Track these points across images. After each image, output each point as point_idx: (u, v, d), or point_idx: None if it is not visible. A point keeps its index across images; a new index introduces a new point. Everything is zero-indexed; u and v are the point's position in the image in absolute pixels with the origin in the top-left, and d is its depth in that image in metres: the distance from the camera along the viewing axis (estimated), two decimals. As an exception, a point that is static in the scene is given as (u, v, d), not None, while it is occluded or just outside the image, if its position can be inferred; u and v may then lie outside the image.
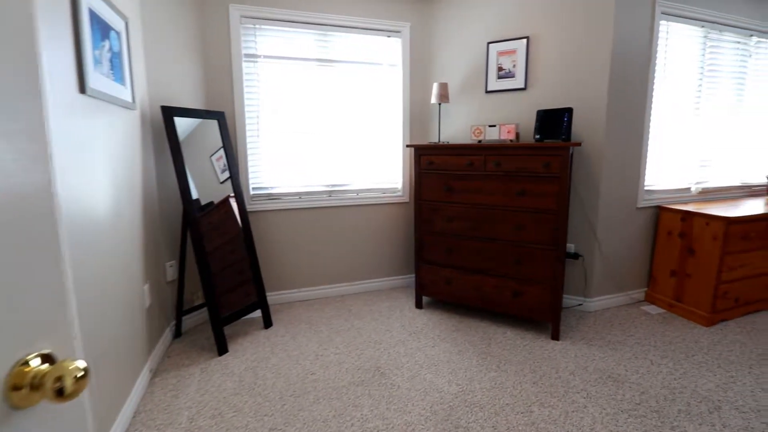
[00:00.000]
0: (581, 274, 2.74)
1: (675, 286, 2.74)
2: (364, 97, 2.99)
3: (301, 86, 2.80)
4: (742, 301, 2.66)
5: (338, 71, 2.89)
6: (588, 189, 2.66)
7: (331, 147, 2.93)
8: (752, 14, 3.01)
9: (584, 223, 2.69)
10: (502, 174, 2.36)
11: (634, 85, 2.60)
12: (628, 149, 2.68)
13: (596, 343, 2.31)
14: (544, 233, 2.28)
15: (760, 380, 1.95)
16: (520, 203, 2.33)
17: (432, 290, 2.70)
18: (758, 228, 2.57)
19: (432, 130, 3.16)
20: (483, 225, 2.46)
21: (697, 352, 2.22)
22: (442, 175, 2.55)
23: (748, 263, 2.60)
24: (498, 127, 2.67)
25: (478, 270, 2.51)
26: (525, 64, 2.74)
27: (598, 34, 2.50)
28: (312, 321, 2.60)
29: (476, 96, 2.93)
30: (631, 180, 2.73)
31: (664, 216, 2.80)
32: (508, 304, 2.44)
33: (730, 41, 3.01)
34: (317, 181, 2.93)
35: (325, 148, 2.92)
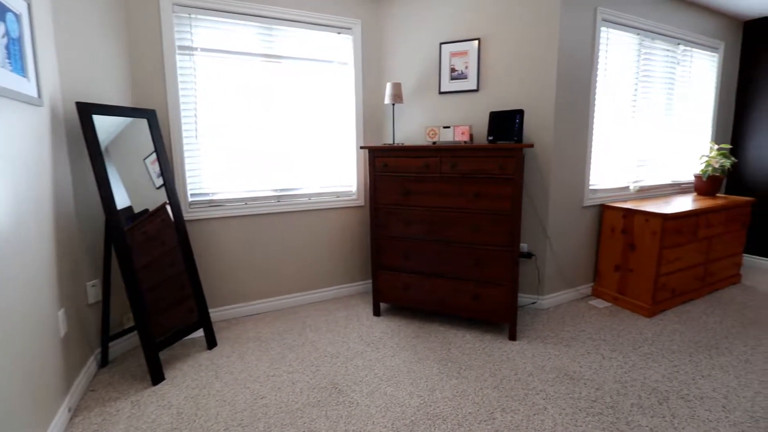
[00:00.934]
0: (534, 272, 2.79)
1: (619, 280, 2.88)
2: (315, 96, 2.84)
3: (244, 83, 2.59)
4: (678, 292, 2.84)
5: (286, 68, 2.71)
6: (538, 189, 2.71)
7: (279, 149, 2.75)
8: (680, 24, 3.25)
9: (536, 223, 2.74)
10: (458, 176, 2.33)
11: (578, 88, 2.69)
12: (574, 150, 2.76)
13: (551, 341, 2.35)
14: (501, 235, 2.28)
15: (699, 367, 2.07)
16: (476, 205, 2.31)
17: (390, 296, 2.62)
18: (689, 223, 2.76)
19: (386, 131, 3.08)
20: (440, 228, 2.41)
21: (643, 344, 2.32)
22: (397, 178, 2.47)
23: (682, 256, 2.79)
24: (452, 128, 2.64)
25: (437, 274, 2.46)
26: (477, 65, 2.74)
27: (545, 38, 2.55)
28: (262, 337, 2.41)
29: (430, 97, 2.89)
30: (578, 180, 2.83)
31: (608, 214, 2.94)
32: (467, 307, 2.42)
33: (661, 49, 3.22)
34: (265, 185, 2.73)
35: (273, 150, 2.73)
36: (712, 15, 3.47)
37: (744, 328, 2.51)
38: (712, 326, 2.54)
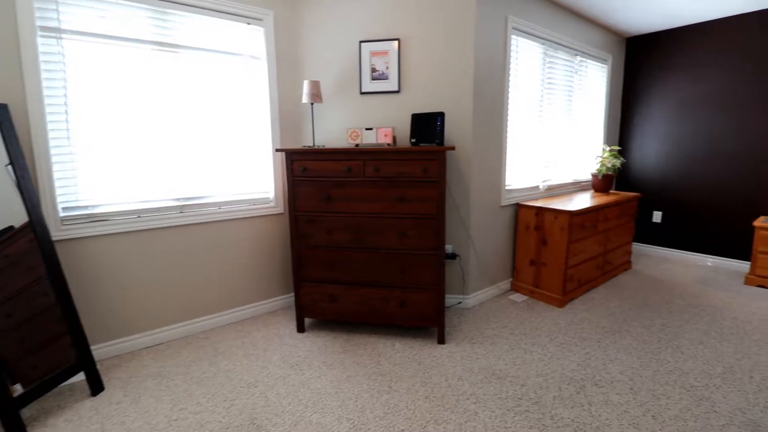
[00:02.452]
0: (459, 272, 2.82)
1: (534, 274, 3.05)
2: (223, 93, 2.54)
3: (134, 75, 2.21)
4: (583, 281, 3.10)
5: (186, 60, 2.38)
6: (461, 191, 2.74)
7: (181, 152, 2.40)
8: (577, 37, 3.55)
9: (459, 224, 2.78)
10: (382, 180, 2.24)
11: (493, 93, 2.78)
12: (491, 152, 2.85)
13: (477, 340, 2.38)
14: (426, 239, 2.24)
15: (608, 352, 2.25)
16: (401, 209, 2.24)
17: (315, 310, 2.44)
18: (590, 218, 3.02)
19: (306, 132, 2.88)
20: (366, 235, 2.30)
21: (558, 334, 2.46)
22: (318, 183, 2.30)
23: (585, 249, 3.04)
24: (375, 130, 2.55)
25: (364, 283, 2.35)
26: (398, 66, 2.68)
27: (462, 42, 2.58)
28: (164, 372, 2.07)
29: (351, 97, 2.76)
30: (495, 181, 2.93)
31: (522, 212, 3.09)
32: (396, 315, 2.35)
33: (562, 59, 3.49)
34: (164, 194, 2.37)
35: (173, 153, 2.38)
36: (602, 30, 3.86)
37: (639, 311, 2.80)
38: (613, 311, 2.80)
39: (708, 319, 2.66)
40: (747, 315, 2.71)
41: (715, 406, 1.78)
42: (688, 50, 3.83)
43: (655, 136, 4.14)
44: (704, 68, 3.74)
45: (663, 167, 4.11)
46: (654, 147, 4.16)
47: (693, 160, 3.89)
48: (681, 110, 3.93)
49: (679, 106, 3.94)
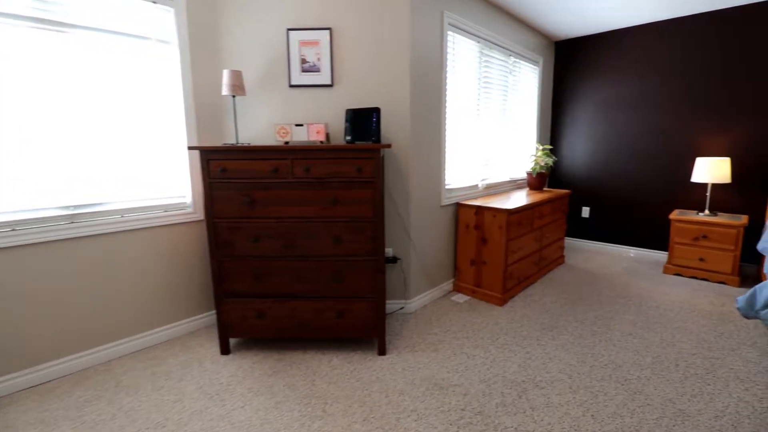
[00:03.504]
0: (400, 277, 2.70)
1: (475, 273, 3.02)
2: (125, 82, 2.18)
3: (8, 58, 1.80)
4: (522, 278, 3.13)
5: (77, 42, 2.00)
6: (400, 191, 2.62)
7: (72, 150, 2.02)
8: (511, 37, 3.60)
9: (399, 226, 2.65)
10: (313, 181, 2.03)
11: (431, 89, 2.69)
12: (430, 151, 2.77)
13: (420, 348, 2.27)
14: (363, 243, 2.08)
15: (547, 350, 2.24)
16: (335, 213, 2.06)
17: (241, 329, 2.18)
18: (527, 216, 3.06)
19: (229, 129, 2.59)
20: (297, 241, 2.09)
21: (500, 335, 2.43)
22: (240, 185, 2.04)
23: (523, 246, 3.07)
24: (306, 126, 2.34)
25: (296, 294, 2.14)
26: (330, 58, 2.49)
27: (398, 35, 2.46)
28: (48, 419, 1.70)
29: (279, 90, 2.52)
30: (435, 180, 2.85)
31: (462, 211, 3.05)
32: (332, 328, 2.16)
33: (498, 58, 3.51)
34: (48, 201, 1.97)
35: (61, 151, 1.98)
36: (534, 33, 3.97)
37: (573, 305, 2.88)
38: (550, 307, 2.84)
39: (635, 309, 2.79)
40: (668, 303, 2.89)
41: (648, 399, 1.81)
42: (608, 55, 4.06)
43: (582, 136, 4.35)
44: (621, 72, 3.99)
45: (589, 165, 4.33)
46: (581, 146, 4.37)
47: (615, 159, 4.14)
48: (603, 111, 4.16)
49: (601, 108, 4.17)
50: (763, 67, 3.26)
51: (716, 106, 3.51)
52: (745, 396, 1.82)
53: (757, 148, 3.36)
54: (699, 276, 3.38)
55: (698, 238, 3.35)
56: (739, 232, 3.15)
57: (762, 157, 3.35)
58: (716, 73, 3.48)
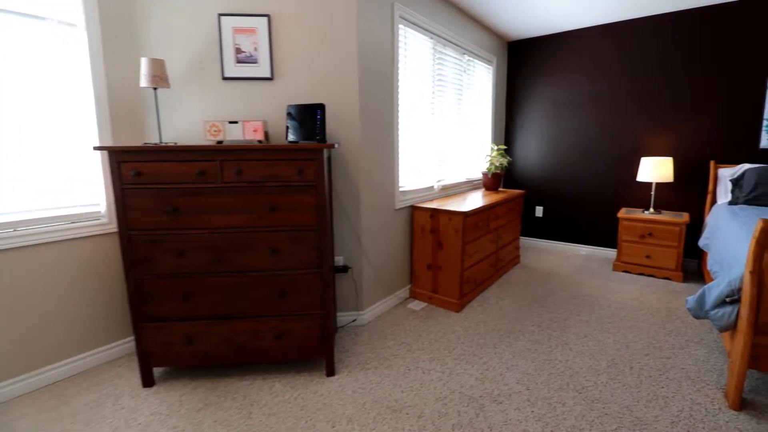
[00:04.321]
0: (352, 287, 2.52)
1: (431, 278, 2.90)
2: (20, 70, 1.82)
3: None
4: (478, 282, 3.05)
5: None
6: (349, 195, 2.43)
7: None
8: (465, 35, 3.51)
9: (349, 232, 2.47)
10: (246, 185, 1.80)
11: (382, 85, 2.52)
12: (382, 151, 2.60)
13: (372, 364, 2.10)
14: (306, 254, 1.87)
15: (504, 358, 2.15)
16: (273, 221, 1.83)
17: (166, 357, 1.89)
18: (483, 218, 2.98)
19: (151, 126, 2.27)
20: (230, 255, 1.84)
21: (456, 344, 2.31)
22: (160, 191, 1.76)
23: (480, 249, 2.99)
24: (241, 124, 2.09)
25: (231, 315, 1.89)
26: (269, 48, 2.26)
27: (344, 24, 2.26)
28: None
29: (211, 83, 2.25)
30: (388, 182, 2.69)
31: (417, 215, 2.92)
32: (274, 350, 1.93)
33: (452, 56, 3.41)
34: None
35: None
36: (487, 32, 3.92)
37: (529, 307, 2.83)
38: (506, 310, 2.78)
39: (588, 309, 2.78)
40: (619, 301, 2.92)
41: (606, 407, 1.75)
42: (559, 56, 4.10)
43: (535, 136, 4.38)
44: (572, 73, 4.04)
45: (542, 165, 4.37)
46: (534, 146, 4.40)
47: (567, 158, 4.20)
48: (555, 111, 4.20)
49: (553, 108, 4.21)
50: (701, 69, 3.40)
51: (660, 107, 3.62)
52: (697, 398, 1.81)
53: (696, 148, 3.50)
54: (646, 273, 3.47)
55: (644, 236, 3.43)
56: (682, 230, 3.26)
57: (701, 156, 3.49)
58: (660, 75, 3.59)
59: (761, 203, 2.85)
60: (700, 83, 3.40)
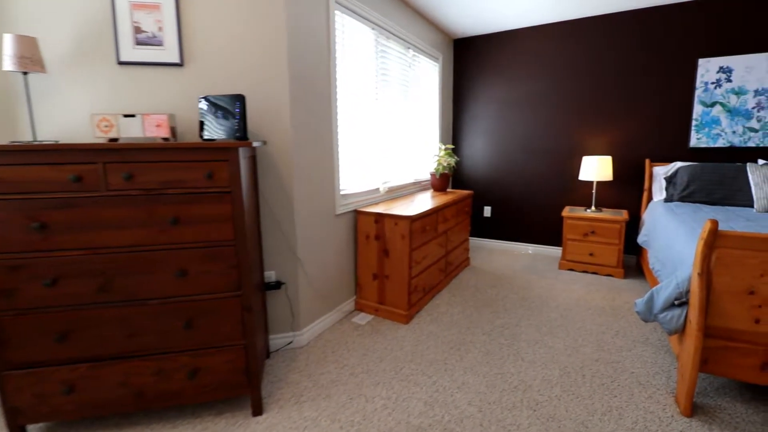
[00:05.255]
0: (286, 304, 2.22)
1: (378, 289, 2.68)
2: None
3: None
4: (428, 289, 2.88)
5: None
6: (280, 201, 2.14)
7: None
8: (409, 29, 3.32)
9: (282, 244, 2.17)
10: (139, 194, 1.45)
11: (317, 76, 2.25)
12: (318, 150, 2.33)
13: (309, 396, 1.83)
14: (223, 275, 1.56)
15: (455, 376, 1.97)
16: (178, 237, 1.50)
17: (41, 411, 1.50)
18: (431, 221, 2.81)
19: (26, 120, 1.83)
20: (122, 280, 1.48)
21: (404, 362, 2.11)
22: (23, 204, 1.37)
23: (428, 254, 2.82)
24: (140, 118, 1.73)
25: (127, 353, 1.53)
26: (177, 28, 1.90)
27: (269, 3, 1.96)
28: None
29: (104, 68, 1.85)
30: (326, 185, 2.42)
31: (361, 220, 2.68)
32: (185, 391, 1.60)
33: (396, 50, 3.21)
34: None
35: None
36: (433, 28, 3.77)
37: (480, 313, 2.70)
38: (457, 318, 2.63)
39: (537, 312, 2.71)
40: (567, 302, 2.88)
41: (561, 425, 1.62)
42: (503, 55, 4.06)
43: (481, 135, 4.32)
44: (516, 72, 4.02)
45: (490, 164, 4.32)
46: (481, 145, 4.34)
47: (513, 158, 4.18)
48: (500, 111, 4.16)
49: (498, 107, 4.17)
50: (636, 70, 3.48)
51: (599, 107, 3.68)
52: (650, 406, 1.75)
53: (632, 147, 3.59)
54: (589, 270, 3.51)
55: (587, 234, 3.46)
56: (622, 227, 3.31)
57: (637, 155, 3.59)
58: (599, 75, 3.65)
59: (694, 200, 2.95)
60: (636, 83, 3.49)
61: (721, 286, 1.59)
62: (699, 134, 3.27)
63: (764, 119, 3.04)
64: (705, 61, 3.17)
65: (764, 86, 3.00)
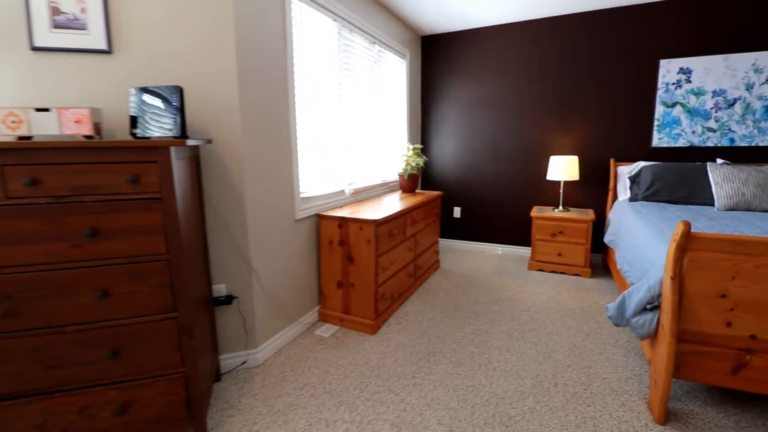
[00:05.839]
0: (239, 320, 2.02)
1: (342, 298, 2.51)
2: None
3: None
4: (396, 296, 2.74)
5: None
6: (231, 206, 1.93)
7: None
8: (376, 23, 3.17)
9: (234, 253, 1.96)
10: (47, 202, 1.22)
11: (272, 68, 2.05)
12: (274, 150, 2.13)
13: (263, 423, 1.64)
14: (155, 294, 1.35)
15: (424, 392, 1.84)
16: (97, 252, 1.28)
17: None
18: (399, 224, 2.67)
19: None
20: (31, 304, 1.24)
21: (370, 379, 1.95)
22: None
23: (396, 259, 2.68)
24: (56, 112, 1.48)
25: (42, 389, 1.29)
26: (103, 9, 1.66)
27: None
28: None
29: (12, 54, 1.59)
30: (284, 188, 2.23)
31: (324, 224, 2.51)
32: (116, 430, 1.38)
33: (360, 44, 3.05)
34: None
35: None
36: (399, 23, 3.64)
37: (450, 319, 2.59)
38: (426, 326, 2.51)
39: (509, 316, 2.64)
40: (537, 303, 2.83)
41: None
42: (472, 53, 3.99)
43: (450, 135, 4.24)
44: (484, 71, 3.96)
45: (459, 164, 4.24)
46: (450, 145, 4.26)
47: (482, 158, 4.12)
48: (469, 110, 4.09)
49: (467, 106, 4.10)
50: (600, 70, 3.49)
51: (565, 107, 3.67)
52: (624, 414, 1.68)
53: (598, 146, 3.61)
54: (558, 270, 3.49)
55: (556, 234, 3.44)
56: (589, 227, 3.31)
57: (602, 155, 3.61)
58: (565, 75, 3.63)
59: (659, 199, 2.97)
60: (600, 83, 3.50)
61: (693, 289, 1.54)
62: (661, 134, 3.31)
63: (722, 119, 3.11)
64: (666, 62, 3.21)
65: (722, 87, 3.06)
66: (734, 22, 3.01)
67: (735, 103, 3.05)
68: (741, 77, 3.00)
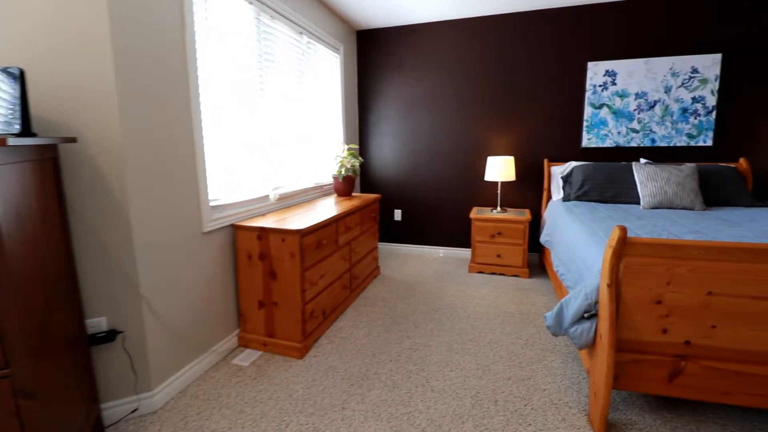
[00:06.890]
0: (125, 360, 1.65)
1: (265, 319, 2.21)
2: None
3: None
4: (329, 311, 2.49)
5: None
6: (109, 221, 1.56)
7: None
8: (304, 12, 2.89)
9: (117, 278, 1.59)
10: None
11: (165, 53, 1.70)
12: (172, 151, 1.78)
13: (152, 491, 1.31)
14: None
15: (353, 425, 1.61)
16: None
17: None
18: (329, 232, 2.42)
19: None
20: None
21: (292, 416, 1.69)
22: None
23: (327, 271, 2.43)
24: None
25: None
26: None
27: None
28: None
29: None
30: (186, 196, 1.89)
31: (241, 236, 2.19)
32: None
33: (285, 33, 2.75)
34: None
35: None
36: (332, 15, 3.38)
37: (388, 334, 2.39)
38: (361, 343, 2.28)
39: (448, 326, 2.50)
40: (477, 309, 2.73)
41: (473, 483, 1.35)
42: (409, 50, 3.85)
43: (389, 135, 4.06)
44: (420, 69, 3.83)
45: (398, 165, 4.08)
46: (390, 145, 4.08)
47: (421, 159, 3.99)
48: (407, 109, 3.95)
49: (405, 105, 3.95)
50: (533, 71, 3.50)
51: (500, 107, 3.65)
52: (565, 431, 1.57)
53: (532, 147, 3.62)
54: (497, 272, 3.44)
55: (494, 236, 3.39)
56: (526, 227, 3.29)
57: (536, 155, 3.62)
58: (500, 75, 3.60)
59: (590, 198, 3.00)
60: (533, 84, 3.51)
61: (630, 296, 1.46)
62: (589, 135, 3.38)
63: (644, 121, 3.23)
64: (593, 64, 3.28)
65: (643, 90, 3.18)
66: (654, 26, 3.13)
67: (655, 105, 3.18)
68: (660, 80, 3.13)
